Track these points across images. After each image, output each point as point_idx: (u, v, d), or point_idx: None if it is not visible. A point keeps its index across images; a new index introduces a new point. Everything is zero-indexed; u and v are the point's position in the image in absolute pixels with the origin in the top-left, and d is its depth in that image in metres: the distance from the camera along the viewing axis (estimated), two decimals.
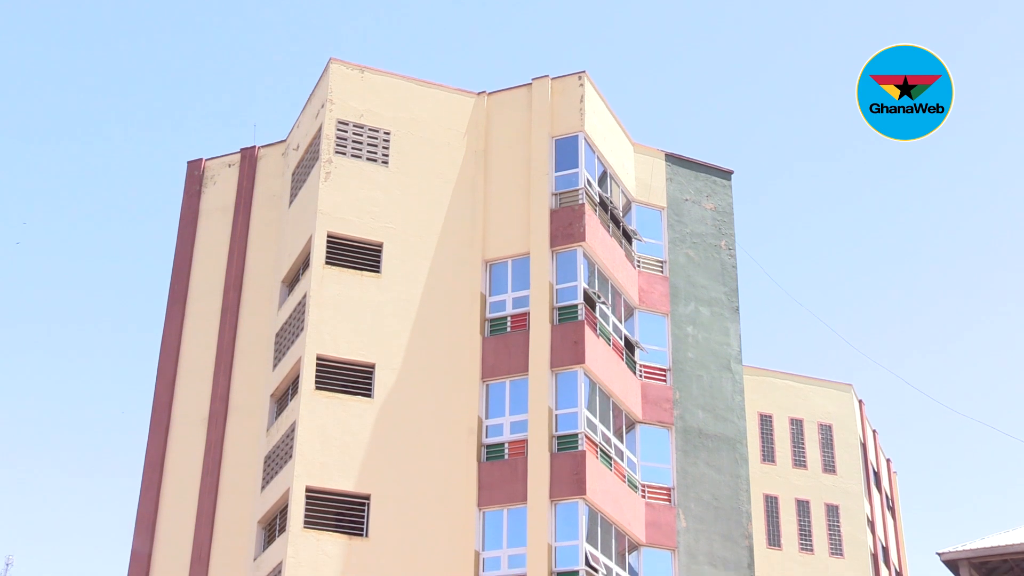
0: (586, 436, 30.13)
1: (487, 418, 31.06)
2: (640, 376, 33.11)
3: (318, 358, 30.21)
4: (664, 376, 33.42)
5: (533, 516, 29.39)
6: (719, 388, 33.92)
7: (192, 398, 33.51)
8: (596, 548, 29.46)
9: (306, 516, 28.71)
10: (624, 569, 30.56)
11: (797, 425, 53.69)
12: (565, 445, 30.09)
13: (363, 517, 29.31)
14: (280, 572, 28.36)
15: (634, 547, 31.26)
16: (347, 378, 30.40)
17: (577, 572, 28.74)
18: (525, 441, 30.31)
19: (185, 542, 31.68)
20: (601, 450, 30.70)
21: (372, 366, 30.68)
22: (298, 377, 30.48)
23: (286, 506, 29.18)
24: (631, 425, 32.49)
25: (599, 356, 31.27)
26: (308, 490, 28.92)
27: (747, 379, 37.55)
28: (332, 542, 28.63)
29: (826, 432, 54.19)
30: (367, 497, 29.44)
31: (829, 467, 53.63)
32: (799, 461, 53.10)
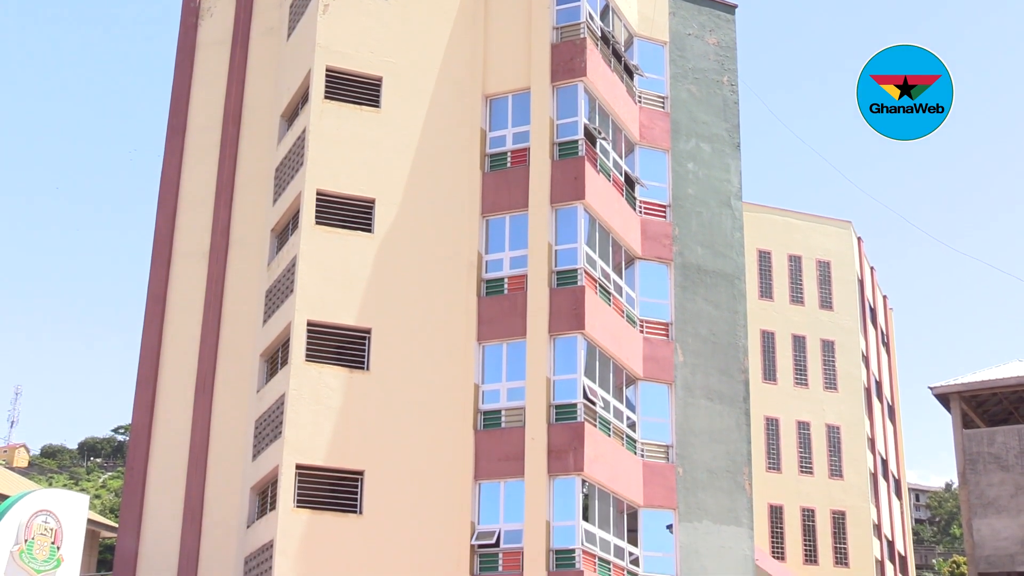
0: (585, 271, 30.29)
1: (487, 253, 31.19)
2: (640, 212, 33.13)
3: (318, 193, 30.19)
4: (664, 212, 33.44)
5: (532, 350, 29.73)
6: (718, 224, 33.98)
7: (193, 232, 33.57)
8: (594, 382, 29.87)
9: (307, 349, 29.03)
10: (621, 402, 31.05)
11: (795, 261, 54.01)
12: (564, 280, 30.28)
13: (364, 350, 29.66)
14: (283, 404, 28.82)
15: (632, 381, 31.70)
16: (347, 213, 30.44)
17: (575, 405, 29.20)
18: (525, 276, 30.48)
19: (189, 374, 32.11)
20: (600, 285, 30.91)
21: (372, 201, 30.68)
22: (298, 212, 30.52)
23: (287, 339, 29.51)
24: (630, 261, 32.64)
25: (599, 192, 31.25)
26: (309, 324, 29.20)
27: (747, 215, 37.62)
28: (333, 375, 29.03)
29: (824, 268, 54.54)
30: (368, 331, 29.75)
31: (826, 303, 54.13)
32: (796, 297, 53.57)
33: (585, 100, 31.58)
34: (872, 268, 59.63)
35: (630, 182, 33.08)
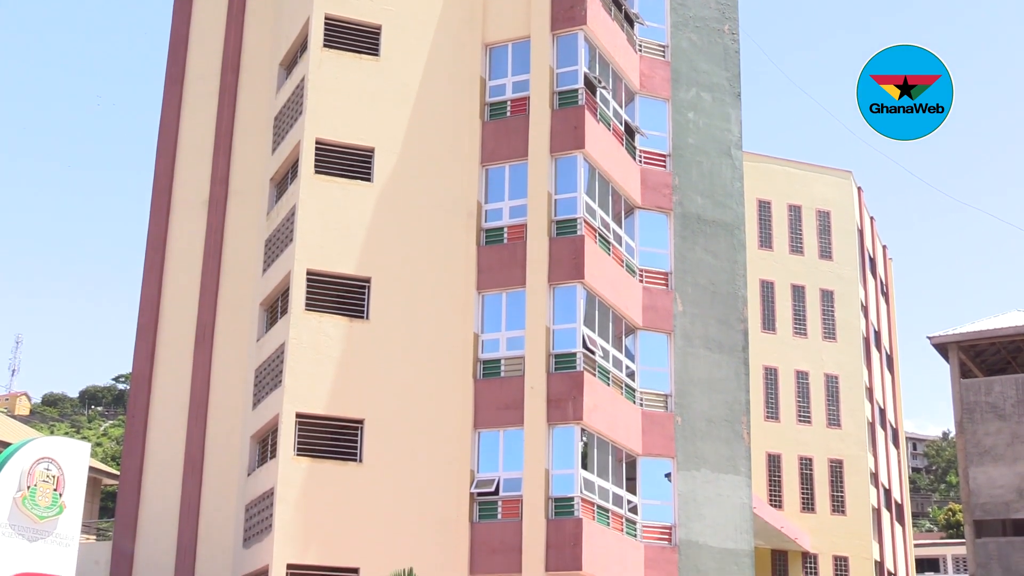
0: (585, 221, 30.27)
1: (486, 202, 31.15)
2: (640, 161, 33.06)
3: (317, 142, 30.10)
4: (664, 162, 33.37)
5: (532, 299, 29.77)
6: (718, 174, 33.91)
7: (192, 181, 33.49)
8: (593, 331, 29.93)
9: (307, 298, 29.05)
10: (621, 352, 31.12)
11: (795, 211, 53.96)
12: (564, 230, 30.27)
13: (363, 299, 29.69)
14: (283, 352, 28.89)
15: (631, 330, 31.76)
16: (346, 162, 30.36)
17: (574, 354, 29.27)
18: (524, 225, 30.47)
19: (189, 323, 32.15)
20: (600, 235, 30.90)
21: (371, 150, 30.60)
22: (297, 161, 30.44)
23: (287, 289, 29.53)
24: (630, 210, 32.61)
25: (599, 141, 31.17)
26: (309, 273, 29.20)
27: (747, 165, 37.52)
28: (333, 324, 29.08)
29: (824, 218, 54.50)
30: (367, 280, 29.76)
31: (825, 253, 54.13)
32: (796, 247, 53.57)
33: (585, 49, 31.42)
34: (872, 218, 59.57)
35: (630, 131, 32.99)
